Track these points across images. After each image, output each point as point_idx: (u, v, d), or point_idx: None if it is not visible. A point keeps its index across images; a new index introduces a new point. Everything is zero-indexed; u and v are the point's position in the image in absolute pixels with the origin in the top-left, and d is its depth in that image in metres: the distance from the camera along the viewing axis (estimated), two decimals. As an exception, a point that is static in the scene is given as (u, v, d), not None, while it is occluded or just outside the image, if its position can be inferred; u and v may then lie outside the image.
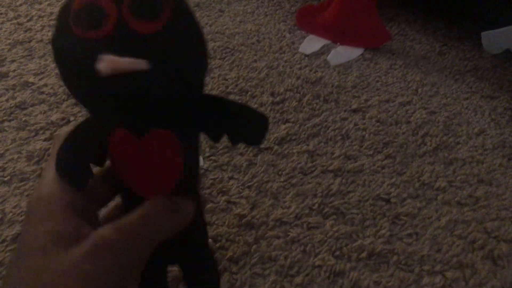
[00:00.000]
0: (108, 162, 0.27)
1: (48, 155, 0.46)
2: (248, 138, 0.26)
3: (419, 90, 0.61)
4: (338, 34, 0.71)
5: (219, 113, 0.26)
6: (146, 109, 0.23)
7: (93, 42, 0.22)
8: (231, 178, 0.45)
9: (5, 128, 0.49)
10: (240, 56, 0.64)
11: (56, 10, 0.72)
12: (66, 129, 0.26)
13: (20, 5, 0.72)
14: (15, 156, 0.45)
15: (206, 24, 0.73)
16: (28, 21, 0.68)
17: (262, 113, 0.25)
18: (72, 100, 0.53)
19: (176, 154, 0.27)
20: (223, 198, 0.42)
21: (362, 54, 0.68)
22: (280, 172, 0.46)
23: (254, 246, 0.38)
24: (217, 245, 0.38)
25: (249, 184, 0.44)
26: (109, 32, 0.22)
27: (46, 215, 0.23)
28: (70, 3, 0.22)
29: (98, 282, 0.22)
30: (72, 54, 0.22)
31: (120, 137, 0.25)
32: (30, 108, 0.52)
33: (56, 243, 0.22)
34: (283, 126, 0.52)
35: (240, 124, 0.26)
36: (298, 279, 0.36)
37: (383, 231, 0.41)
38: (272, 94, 0.57)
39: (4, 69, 0.57)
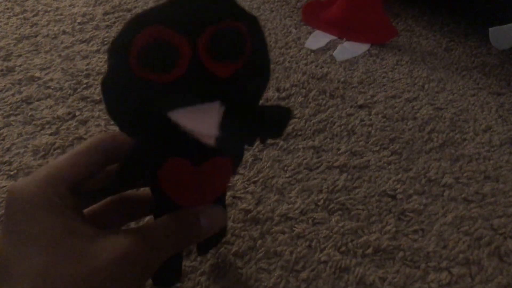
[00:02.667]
0: None
1: (54, 149, 0.46)
2: (276, 133, 0.25)
3: (426, 86, 0.61)
4: (344, 30, 0.71)
5: (260, 122, 0.24)
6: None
7: (164, 85, 0.19)
8: (236, 173, 0.45)
9: (12, 122, 0.49)
10: (246, 51, 0.64)
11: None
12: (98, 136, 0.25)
13: (26, 0, 0.72)
14: (21, 150, 0.45)
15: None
16: (34, 16, 0.68)
17: (285, 107, 0.24)
18: (78, 95, 0.53)
19: (230, 175, 0.26)
20: (229, 193, 0.42)
21: (368, 50, 0.68)
22: (285, 168, 0.46)
23: (259, 241, 0.38)
24: (223, 240, 0.38)
25: (254, 179, 0.44)
26: (181, 74, 0.19)
27: (47, 209, 0.22)
28: (129, 38, 0.19)
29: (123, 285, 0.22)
30: (138, 97, 0.19)
31: (175, 164, 0.23)
32: (36, 103, 0.52)
33: (68, 238, 0.21)
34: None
35: (273, 126, 0.25)
36: (303, 275, 0.36)
37: (388, 227, 0.41)
38: (278, 90, 0.57)
39: (10, 63, 0.58)
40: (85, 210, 0.27)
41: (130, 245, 0.22)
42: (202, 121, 0.19)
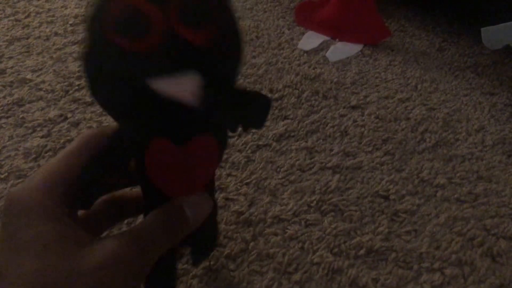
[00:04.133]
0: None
1: (46, 152, 0.45)
2: (257, 122, 0.26)
3: (419, 86, 0.61)
4: (337, 30, 0.71)
5: (241, 105, 0.25)
6: (192, 119, 0.22)
7: (140, 54, 0.20)
8: (229, 175, 0.45)
9: (2, 125, 0.48)
10: (239, 52, 0.64)
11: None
12: (89, 132, 0.25)
13: (18, 1, 0.72)
14: (12, 153, 0.45)
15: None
16: (26, 17, 0.68)
17: (265, 95, 0.25)
18: (70, 97, 0.53)
19: (216, 159, 0.26)
20: (221, 195, 0.42)
21: (361, 51, 0.68)
22: (278, 169, 0.46)
23: (252, 243, 0.38)
24: (214, 249, 0.38)
25: (247, 181, 0.44)
26: (157, 42, 0.20)
27: (42, 215, 0.22)
28: (102, 8, 0.19)
29: None
30: (116, 67, 0.20)
31: (159, 146, 0.23)
32: (28, 105, 0.51)
33: (60, 243, 0.21)
34: (281, 123, 0.52)
35: (254, 112, 0.25)
36: (296, 276, 0.36)
37: (381, 228, 0.41)
38: (271, 91, 0.57)
39: (1, 65, 0.57)
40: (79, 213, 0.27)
41: (119, 248, 0.22)
42: (182, 86, 0.20)
